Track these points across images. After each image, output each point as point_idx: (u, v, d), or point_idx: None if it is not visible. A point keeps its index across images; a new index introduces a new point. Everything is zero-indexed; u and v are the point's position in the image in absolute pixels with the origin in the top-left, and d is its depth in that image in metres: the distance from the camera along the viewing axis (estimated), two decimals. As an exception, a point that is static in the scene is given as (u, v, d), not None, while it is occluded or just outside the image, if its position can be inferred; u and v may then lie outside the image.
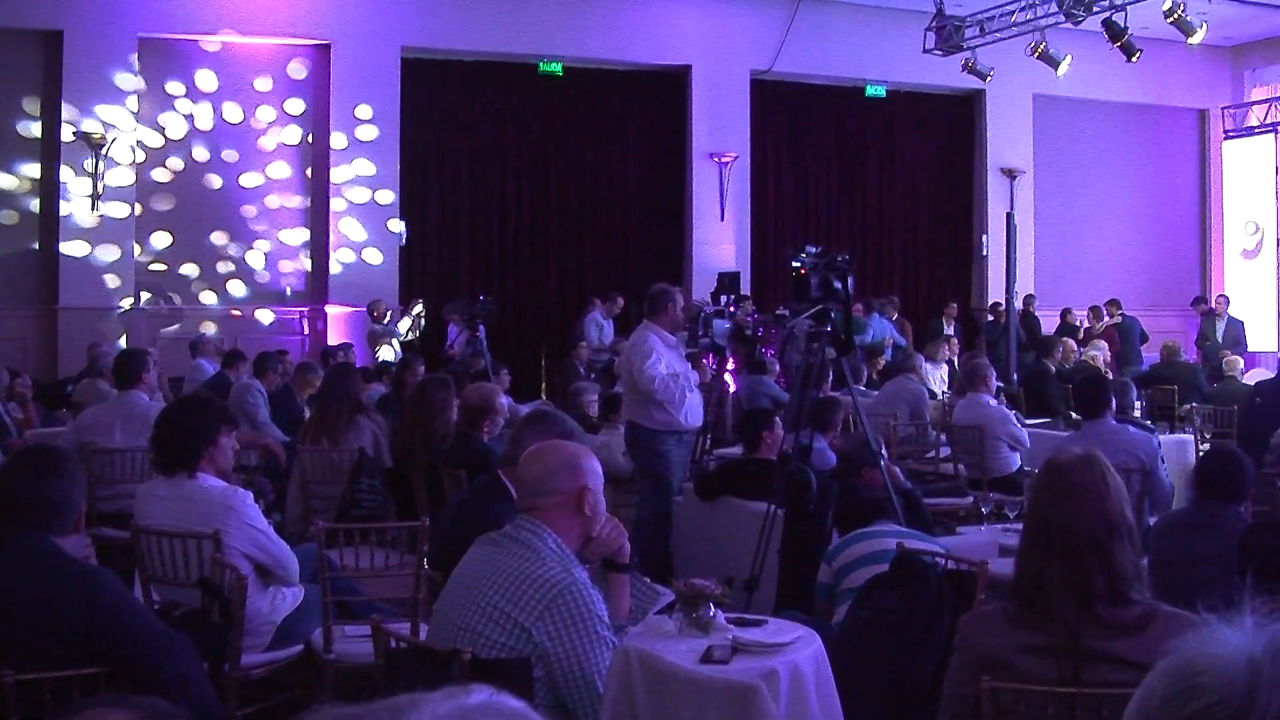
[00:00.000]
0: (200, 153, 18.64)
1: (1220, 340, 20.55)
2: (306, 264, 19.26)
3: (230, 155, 18.77)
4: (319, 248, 19.17)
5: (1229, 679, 1.35)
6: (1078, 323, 20.43)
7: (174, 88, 18.57)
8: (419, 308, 18.24)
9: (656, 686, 4.60)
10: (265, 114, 19.01)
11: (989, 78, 20.25)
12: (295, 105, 19.20)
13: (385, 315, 17.97)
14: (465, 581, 4.35)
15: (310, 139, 19.20)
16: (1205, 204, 25.73)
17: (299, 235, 19.21)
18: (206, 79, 18.69)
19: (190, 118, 18.64)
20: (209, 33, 18.52)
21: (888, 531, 6.50)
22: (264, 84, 19.00)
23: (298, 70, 19.22)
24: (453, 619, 4.29)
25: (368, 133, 19.18)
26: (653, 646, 4.72)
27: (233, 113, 18.82)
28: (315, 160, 19.20)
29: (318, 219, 19.16)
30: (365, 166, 19.18)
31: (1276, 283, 23.77)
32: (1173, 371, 16.29)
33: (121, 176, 18.02)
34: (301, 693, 6.46)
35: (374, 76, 19.16)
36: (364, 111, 19.14)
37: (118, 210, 17.99)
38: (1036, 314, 21.11)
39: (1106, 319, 20.51)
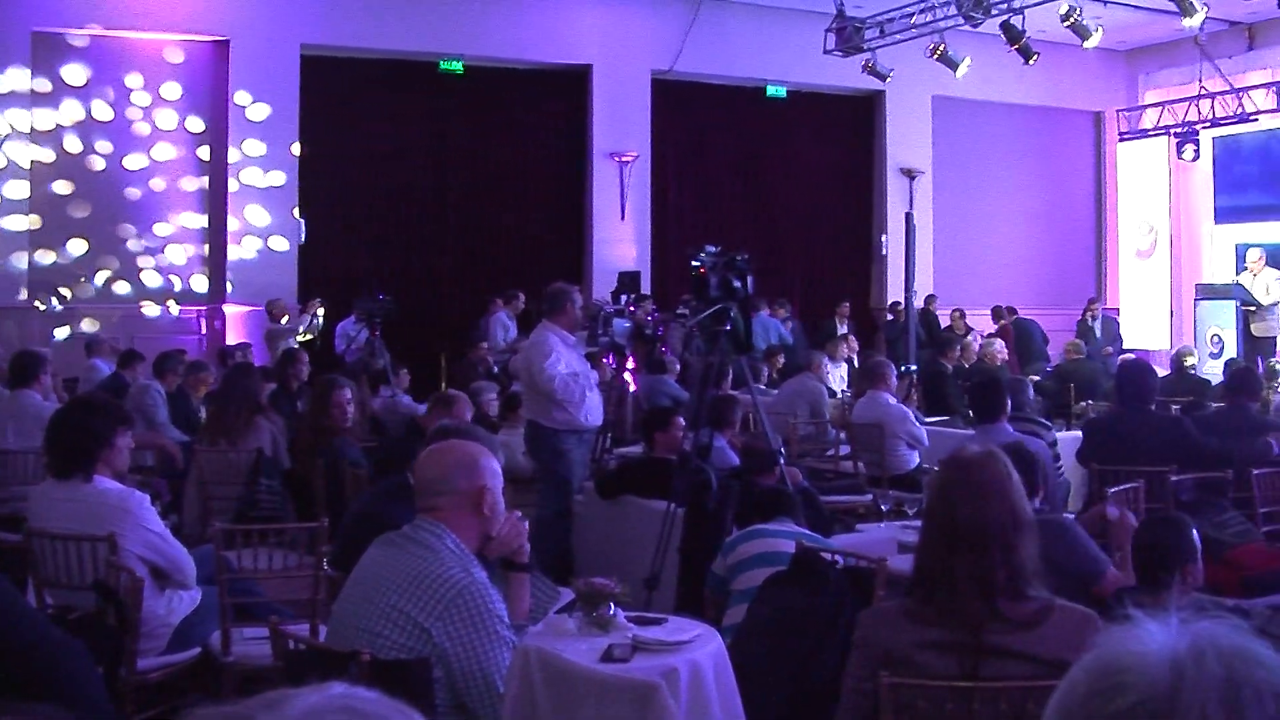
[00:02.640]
0: (97, 151, 18.37)
1: (1100, 339, 20.85)
2: (205, 263, 19.05)
3: (127, 153, 18.52)
4: (217, 247, 18.97)
5: (1152, 678, 1.36)
6: (963, 331, 20.52)
7: (69, 83, 18.28)
8: (318, 307, 18.09)
9: (557, 685, 4.60)
10: (163, 112, 18.76)
11: (889, 79, 20.42)
12: (193, 103, 18.96)
13: (284, 314, 17.81)
14: (364, 582, 4.33)
15: (208, 137, 18.98)
16: (1101, 205, 26.09)
17: (197, 234, 18.99)
18: (102, 75, 18.42)
19: (86, 116, 18.36)
20: (107, 28, 18.25)
21: (783, 532, 6.52)
22: (161, 81, 18.75)
23: (196, 67, 19.00)
24: (352, 620, 4.27)
25: (266, 130, 19.00)
26: (553, 645, 4.73)
27: (131, 111, 18.58)
28: (213, 159, 18.99)
29: (216, 217, 18.96)
30: (264, 166, 19.01)
31: (1170, 282, 24.13)
32: (1077, 369, 16.50)
33: (14, 175, 17.75)
34: (200, 696, 6.40)
35: (273, 74, 18.99)
36: (262, 109, 18.96)
37: (11, 210, 17.72)
38: (936, 313, 21.34)
39: (1003, 321, 20.78)
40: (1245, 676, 1.35)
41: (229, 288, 18.84)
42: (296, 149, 19.19)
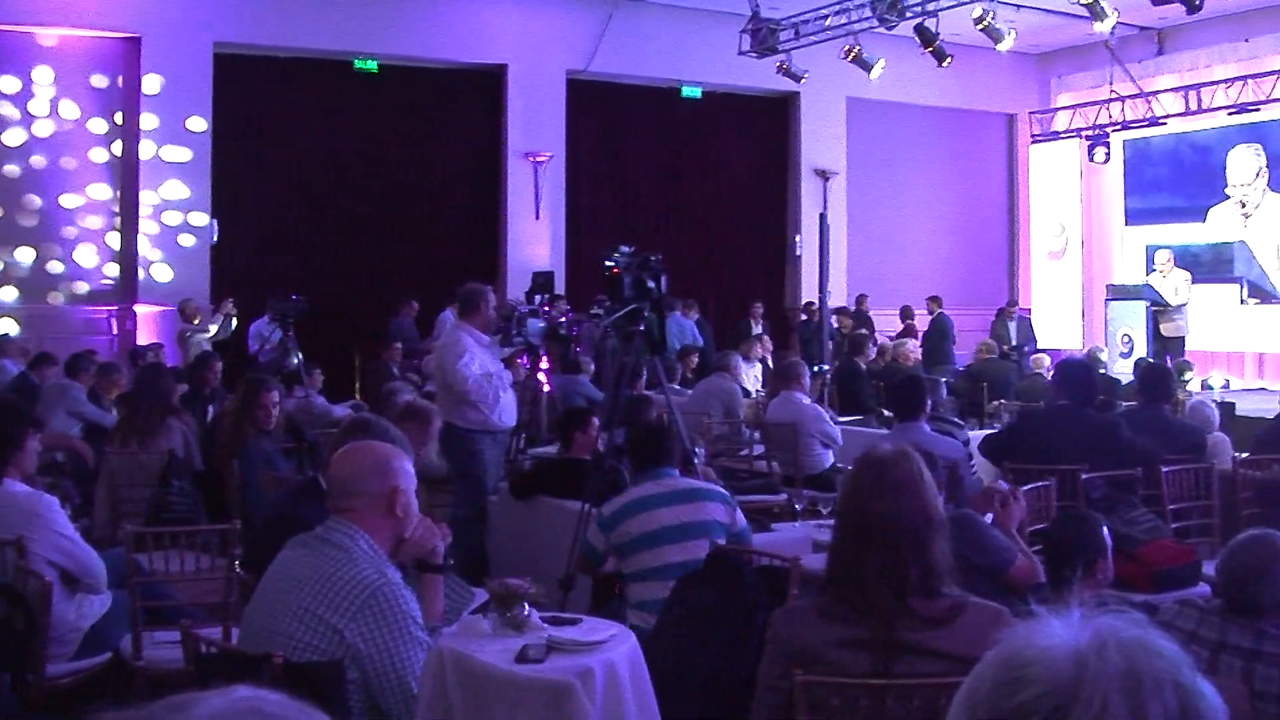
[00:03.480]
0: (3, 147, 18.13)
1: (1014, 339, 21.07)
2: (115, 263, 18.83)
3: (35, 151, 18.27)
4: (128, 246, 18.76)
5: (1055, 670, 1.37)
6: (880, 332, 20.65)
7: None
8: (230, 307, 17.94)
9: (471, 686, 4.59)
10: (70, 109, 18.51)
11: (803, 80, 20.52)
12: (104, 100, 18.74)
13: (196, 315, 17.64)
14: (277, 584, 4.30)
15: (120, 135, 18.77)
16: (1013, 206, 26.34)
17: (107, 234, 18.78)
18: (9, 71, 18.15)
19: (-9, 111, 18.16)
20: (14, 23, 18.01)
21: (661, 496, 6.50)
22: (70, 78, 18.52)
23: (107, 63, 18.78)
24: (264, 622, 4.23)
25: (179, 130, 18.80)
26: (467, 646, 4.71)
27: (38, 106, 18.31)
28: (125, 157, 18.77)
29: (127, 217, 18.75)
30: (176, 164, 18.81)
31: (1081, 283, 24.41)
32: (989, 369, 16.67)
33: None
34: (110, 701, 6.33)
35: (186, 71, 18.77)
36: (174, 107, 18.76)
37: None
38: (869, 313, 21.51)
39: (924, 315, 20.98)
40: (1145, 666, 1.37)
41: (140, 288, 18.62)
42: (210, 148, 18.99)
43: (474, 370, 9.43)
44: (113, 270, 18.83)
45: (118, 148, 18.78)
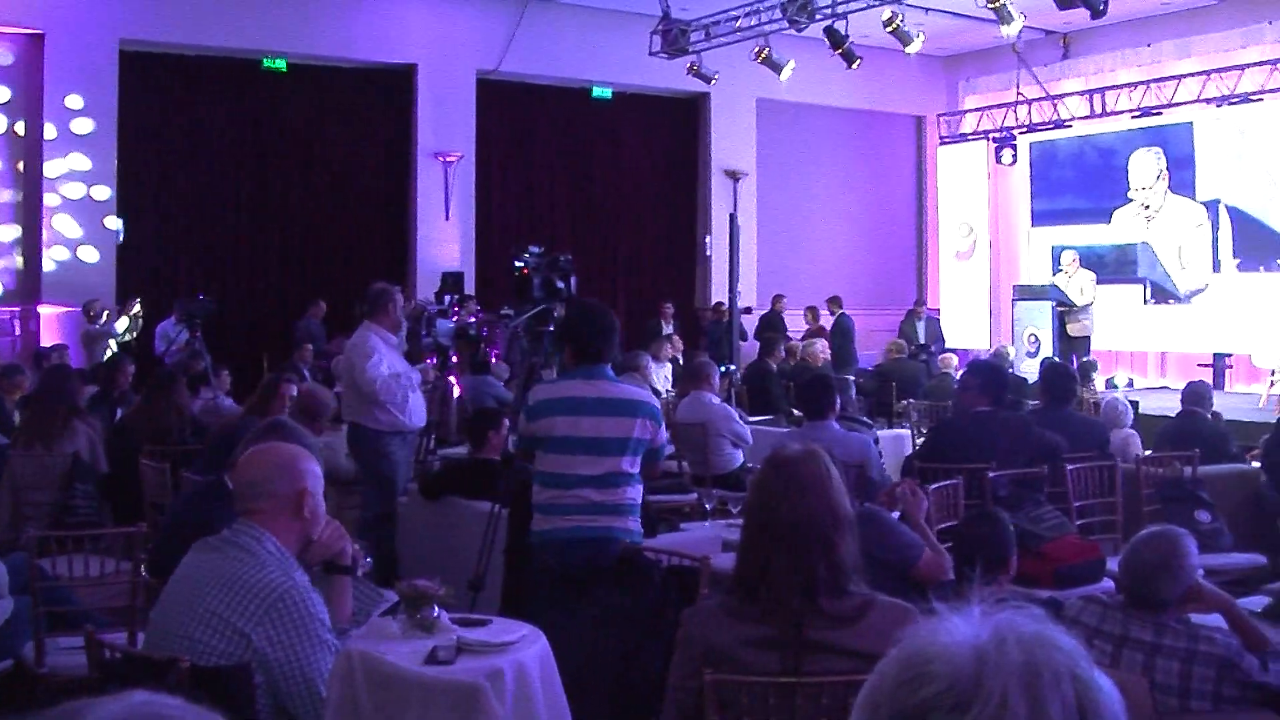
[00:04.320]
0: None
1: (923, 339, 21.24)
2: (18, 262, 18.57)
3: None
4: (31, 245, 18.50)
5: (957, 666, 1.39)
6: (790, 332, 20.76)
7: None
8: (137, 308, 17.75)
9: (380, 689, 4.57)
10: (-27, 107, 18.31)
11: (714, 81, 20.58)
12: (3, 95, 18.49)
13: (102, 315, 17.43)
14: (183, 587, 4.26)
15: (21, 131, 18.51)
16: (921, 207, 26.55)
17: (9, 232, 18.51)
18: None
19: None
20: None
21: (591, 403, 6.32)
22: (-30, 75, 18.30)
23: (7, 58, 18.51)
24: (170, 626, 4.19)
25: (83, 126, 18.56)
26: (376, 649, 4.70)
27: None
28: (27, 153, 18.52)
29: (30, 215, 18.49)
30: (80, 161, 18.56)
31: (989, 283, 24.63)
32: (898, 368, 16.80)
33: None
34: (12, 709, 6.25)
35: (90, 68, 18.53)
36: (78, 104, 18.50)
37: None
38: (783, 314, 21.61)
39: (828, 316, 21.10)
40: (1044, 661, 1.39)
41: (44, 288, 18.38)
42: (115, 146, 18.77)
43: (382, 371, 9.40)
44: (16, 270, 18.56)
45: (19, 146, 18.52)
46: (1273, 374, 18.08)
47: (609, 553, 6.23)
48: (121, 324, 17.54)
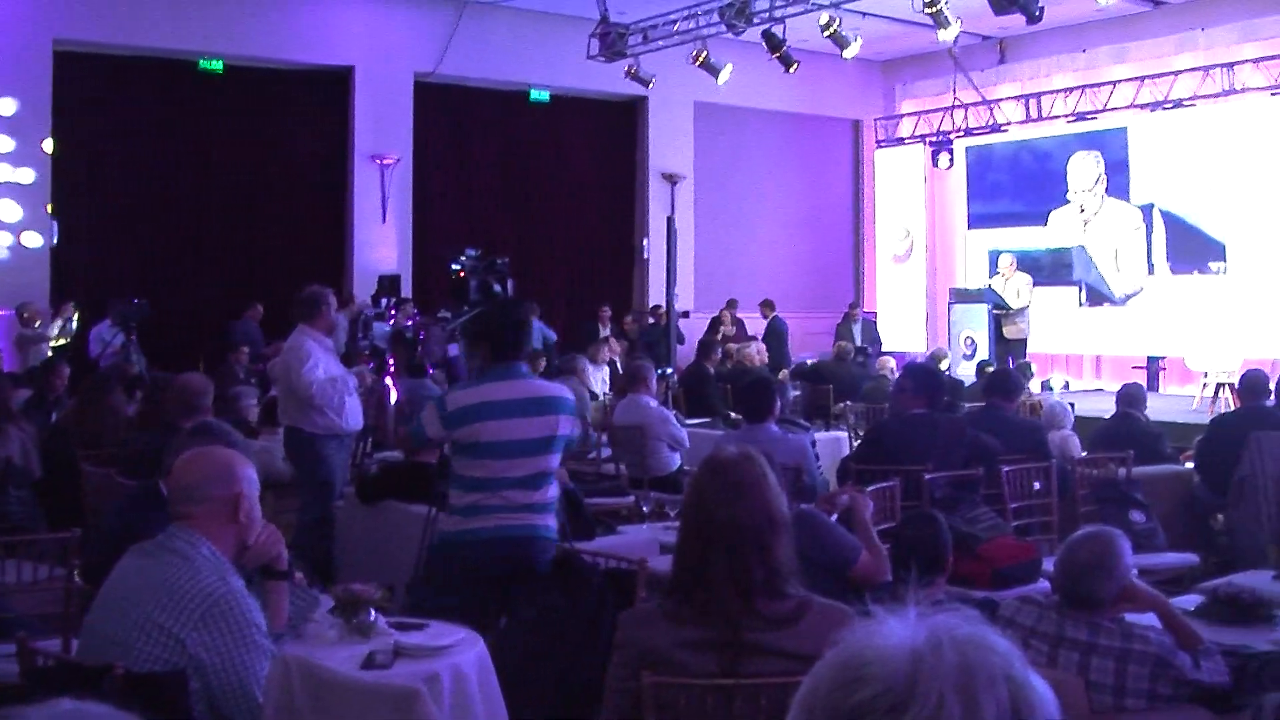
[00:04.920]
0: None
1: (859, 341, 21.32)
2: (-52, 265, 18.41)
3: None
4: (-38, 248, 18.34)
5: (892, 669, 1.39)
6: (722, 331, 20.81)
7: None
8: (71, 311, 17.59)
9: (317, 694, 4.55)
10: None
11: (651, 84, 20.60)
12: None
13: (35, 318, 17.25)
14: (117, 594, 4.22)
15: (-48, 134, 18.34)
16: (859, 211, 26.66)
17: (-60, 235, 18.35)
18: None
19: None
20: None
21: (514, 404, 6.29)
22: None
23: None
24: (105, 633, 4.16)
25: (15, 127, 18.34)
26: (312, 654, 4.67)
27: None
28: (-43, 156, 18.35)
29: (-39, 218, 18.32)
30: (12, 162, 18.35)
31: (925, 286, 24.76)
32: (834, 370, 16.85)
33: None
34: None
35: (22, 69, 18.30)
36: (10, 105, 18.31)
37: None
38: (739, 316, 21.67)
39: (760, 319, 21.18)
40: (979, 662, 1.40)
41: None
42: (49, 146, 18.56)
43: (319, 375, 9.35)
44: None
45: (-48, 148, 18.34)
46: (1205, 376, 18.25)
47: (533, 551, 6.25)
48: (55, 327, 17.37)
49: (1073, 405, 13.26)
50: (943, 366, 16.49)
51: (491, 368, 6.51)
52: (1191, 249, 20.75)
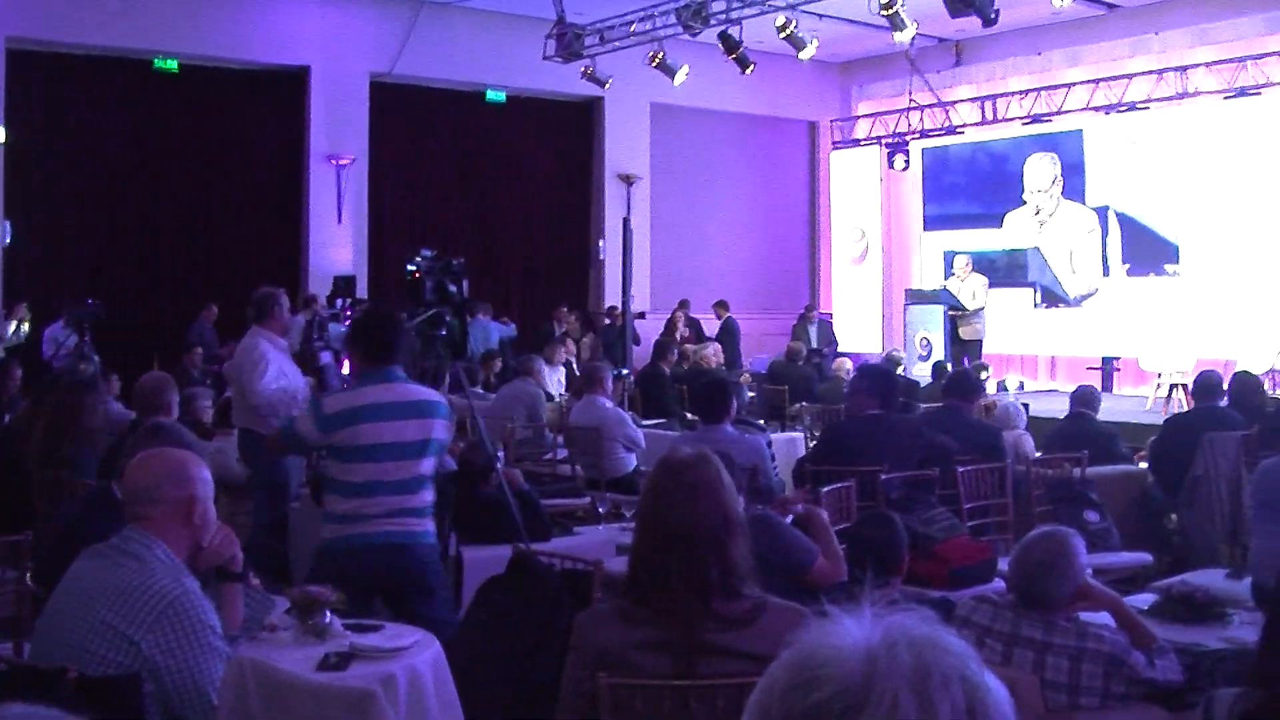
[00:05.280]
0: None
1: (815, 342, 21.39)
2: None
3: None
4: (-87, 248, 18.19)
5: (848, 670, 1.39)
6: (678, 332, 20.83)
7: None
8: (24, 312, 17.48)
9: (272, 696, 4.53)
10: None
11: (608, 85, 20.61)
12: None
13: (-12, 320, 17.16)
14: (71, 596, 4.19)
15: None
16: (815, 212, 26.73)
17: (-108, 235, 18.19)
18: None
19: None
20: None
21: (391, 407, 6.27)
22: None
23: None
24: (58, 636, 4.13)
25: (-33, 127, 18.28)
26: (267, 655, 4.65)
27: None
28: (-93, 155, 18.20)
29: (-88, 218, 18.18)
30: (-36, 162, 18.28)
31: (881, 287, 24.84)
32: (788, 371, 16.90)
33: None
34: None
35: (-27, 68, 18.25)
36: (-39, 105, 18.24)
37: None
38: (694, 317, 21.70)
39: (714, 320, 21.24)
40: (934, 663, 1.39)
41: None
42: (1, 147, 18.44)
43: (270, 386, 9.29)
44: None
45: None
46: (1159, 377, 18.37)
47: (410, 558, 6.24)
48: (8, 328, 17.25)
49: (1027, 406, 13.32)
50: (898, 368, 16.54)
51: (366, 371, 6.49)
52: (1146, 251, 20.89)
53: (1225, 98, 19.38)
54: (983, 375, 16.06)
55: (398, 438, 6.22)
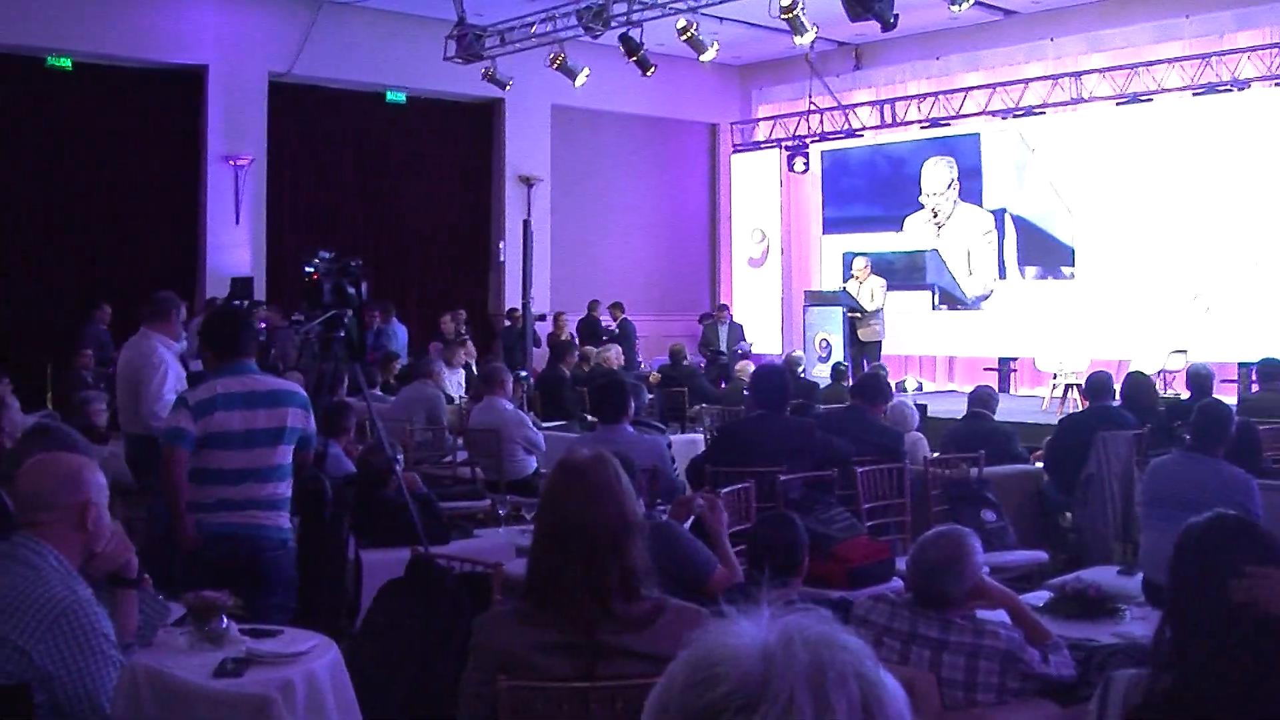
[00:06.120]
0: None
1: (725, 344, 21.46)
2: None
3: None
4: None
5: (745, 668, 1.40)
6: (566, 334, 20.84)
7: None
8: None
9: (167, 704, 4.48)
10: None
11: (508, 87, 20.58)
12: None
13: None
14: (-40, 605, 4.13)
15: None
16: (715, 214, 26.81)
17: None
18: None
19: None
20: None
21: (245, 396, 6.42)
22: None
23: None
24: (-55, 645, 4.06)
25: None
26: (162, 663, 4.60)
27: None
28: None
29: None
30: None
31: (781, 289, 24.96)
32: (680, 374, 16.96)
33: None
34: None
35: None
36: None
37: None
38: (600, 318, 21.72)
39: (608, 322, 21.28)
40: (830, 661, 1.41)
41: None
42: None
43: (169, 396, 9.18)
44: None
45: None
46: (1054, 377, 18.60)
47: (253, 549, 6.32)
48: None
49: (925, 407, 13.44)
50: (798, 369, 16.62)
51: (219, 367, 6.61)
52: (1042, 253, 21.17)
53: (1118, 104, 19.67)
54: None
55: (249, 426, 6.34)
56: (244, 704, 4.47)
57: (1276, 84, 18.20)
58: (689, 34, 18.08)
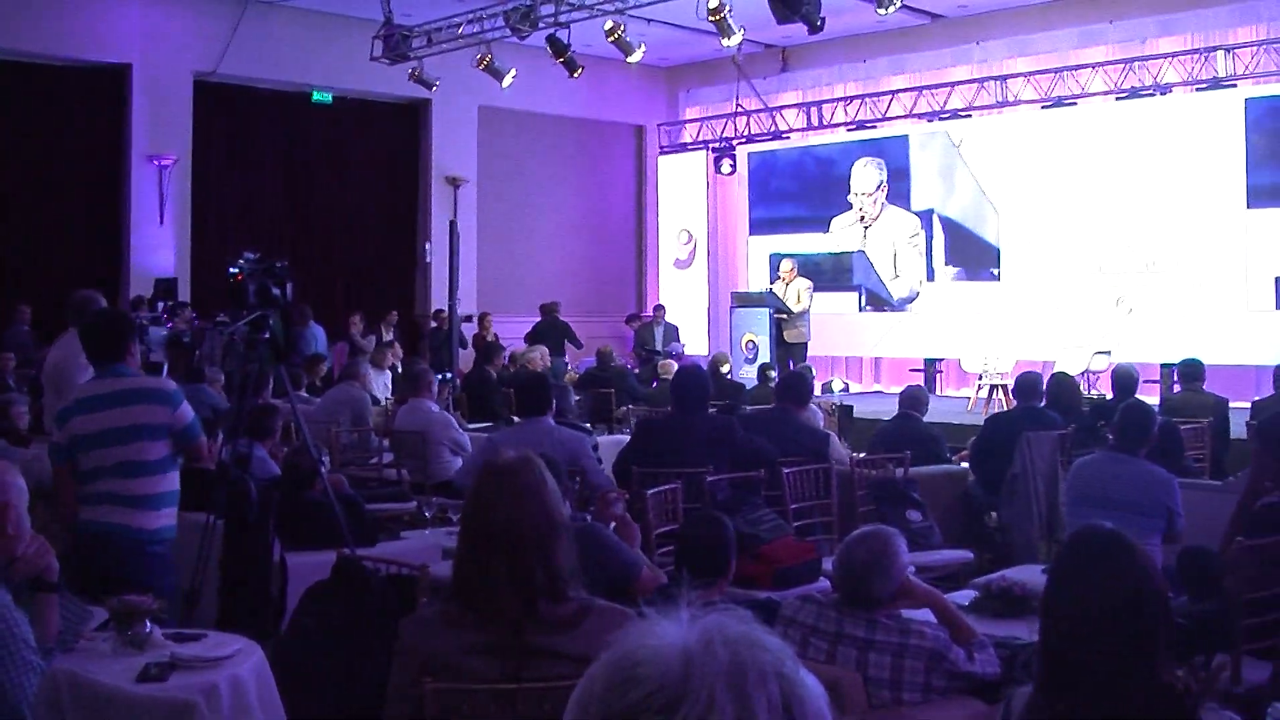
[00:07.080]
0: None
1: (660, 344, 21.48)
2: None
3: None
4: None
5: (665, 668, 1.41)
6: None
7: None
8: None
9: (89, 709, 4.45)
10: None
11: (435, 87, 20.55)
12: None
13: None
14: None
15: None
16: (642, 215, 26.85)
17: None
18: None
19: None
20: None
21: (104, 398, 6.55)
22: None
23: None
24: None
25: None
26: (85, 668, 4.56)
27: None
28: None
29: None
30: None
31: (708, 290, 25.02)
32: (607, 375, 16.97)
33: None
34: None
35: None
36: None
37: None
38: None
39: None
40: (750, 660, 1.42)
41: None
42: None
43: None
44: None
45: None
46: (980, 378, 18.74)
47: (115, 547, 6.36)
48: None
49: (852, 407, 13.49)
50: (724, 370, 16.66)
51: (96, 372, 6.77)
52: (968, 255, 21.32)
53: (1042, 107, 19.88)
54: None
55: (103, 426, 6.42)
56: (168, 709, 4.44)
57: (1198, 89, 18.45)
58: (616, 35, 18.09)
